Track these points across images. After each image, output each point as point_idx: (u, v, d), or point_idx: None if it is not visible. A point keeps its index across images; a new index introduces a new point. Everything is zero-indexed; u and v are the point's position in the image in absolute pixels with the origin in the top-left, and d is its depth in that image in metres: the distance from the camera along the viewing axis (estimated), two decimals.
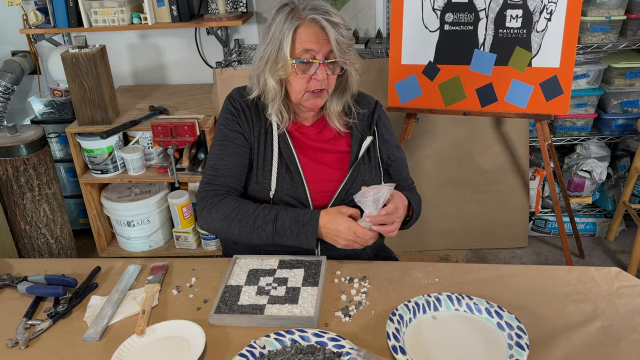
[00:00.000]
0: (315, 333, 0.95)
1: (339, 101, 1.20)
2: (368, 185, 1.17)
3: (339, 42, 1.09)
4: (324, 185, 1.20)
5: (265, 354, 0.91)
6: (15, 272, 1.19)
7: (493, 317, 0.98)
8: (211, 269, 1.17)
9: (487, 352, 0.91)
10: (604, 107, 2.25)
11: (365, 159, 1.23)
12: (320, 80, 1.11)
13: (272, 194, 1.17)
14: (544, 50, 1.78)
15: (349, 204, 1.20)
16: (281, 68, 1.12)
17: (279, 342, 0.94)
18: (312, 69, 1.11)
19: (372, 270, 1.15)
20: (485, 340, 0.94)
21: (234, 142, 1.18)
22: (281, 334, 0.95)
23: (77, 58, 1.94)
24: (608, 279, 1.09)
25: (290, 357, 0.90)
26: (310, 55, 1.10)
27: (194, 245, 2.24)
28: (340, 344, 0.93)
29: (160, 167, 2.12)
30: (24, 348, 0.97)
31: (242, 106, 1.20)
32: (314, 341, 0.94)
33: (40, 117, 2.33)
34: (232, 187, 1.17)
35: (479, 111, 1.90)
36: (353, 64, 1.16)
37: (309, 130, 1.23)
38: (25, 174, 1.99)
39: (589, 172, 2.27)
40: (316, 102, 1.16)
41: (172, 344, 0.96)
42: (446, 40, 1.85)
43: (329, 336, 0.94)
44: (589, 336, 0.94)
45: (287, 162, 1.18)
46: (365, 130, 1.24)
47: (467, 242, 2.32)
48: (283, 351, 0.91)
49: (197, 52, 2.47)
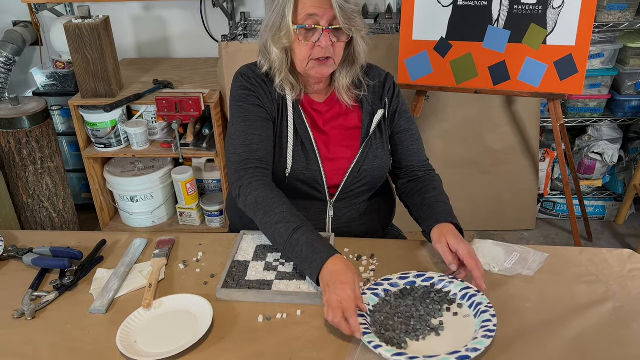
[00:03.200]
0: (399, 277, 1.00)
1: (347, 73, 1.16)
2: (380, 160, 1.14)
3: (342, 7, 1.04)
4: (337, 163, 1.17)
5: (373, 309, 0.94)
6: (20, 244, 1.17)
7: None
8: (218, 244, 1.16)
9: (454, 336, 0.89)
10: (617, 88, 2.20)
11: (377, 134, 1.19)
12: (324, 47, 1.06)
13: (288, 172, 1.13)
14: (560, 27, 1.72)
15: (362, 181, 1.17)
16: (285, 36, 1.08)
17: (375, 295, 0.97)
18: (316, 35, 1.06)
19: (380, 248, 1.13)
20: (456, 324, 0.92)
21: (259, 115, 1.12)
22: (372, 287, 0.98)
23: (81, 29, 1.89)
24: (620, 260, 1.08)
25: (394, 302, 0.95)
26: (314, 21, 1.06)
27: (197, 222, 2.23)
28: (428, 277, 1.00)
29: (164, 142, 2.10)
30: (30, 319, 0.96)
31: (257, 82, 1.15)
32: (402, 284, 0.99)
33: (42, 89, 2.30)
34: (268, 162, 1.10)
35: (491, 90, 1.86)
36: (359, 31, 1.10)
37: (321, 107, 1.19)
38: (28, 146, 1.97)
39: (600, 155, 2.24)
40: (322, 70, 1.10)
41: (179, 318, 0.95)
42: (459, 15, 1.80)
43: (413, 274, 1.00)
44: (601, 317, 0.93)
45: (303, 139, 1.15)
46: (377, 104, 1.19)
47: (474, 223, 2.30)
48: (383, 302, 0.95)
49: (202, 25, 2.41)
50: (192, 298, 0.98)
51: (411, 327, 0.90)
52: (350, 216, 1.21)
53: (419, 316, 0.92)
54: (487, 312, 0.90)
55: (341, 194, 1.18)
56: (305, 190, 1.16)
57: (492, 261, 1.06)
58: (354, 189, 1.18)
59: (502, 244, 1.12)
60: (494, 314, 0.90)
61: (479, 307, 0.92)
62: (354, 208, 1.21)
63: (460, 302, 0.96)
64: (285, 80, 1.14)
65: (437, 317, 0.92)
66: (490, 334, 0.86)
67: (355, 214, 1.21)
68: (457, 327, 0.91)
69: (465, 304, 0.95)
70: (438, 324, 0.91)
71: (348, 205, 1.20)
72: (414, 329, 0.89)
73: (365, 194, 1.21)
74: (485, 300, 0.93)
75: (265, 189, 1.05)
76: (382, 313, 0.93)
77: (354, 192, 1.19)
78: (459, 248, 1.00)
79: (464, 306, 0.95)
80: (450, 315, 0.93)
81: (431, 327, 0.90)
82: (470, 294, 0.95)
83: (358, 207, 1.21)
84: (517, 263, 1.07)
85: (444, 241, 1.02)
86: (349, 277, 0.91)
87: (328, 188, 1.17)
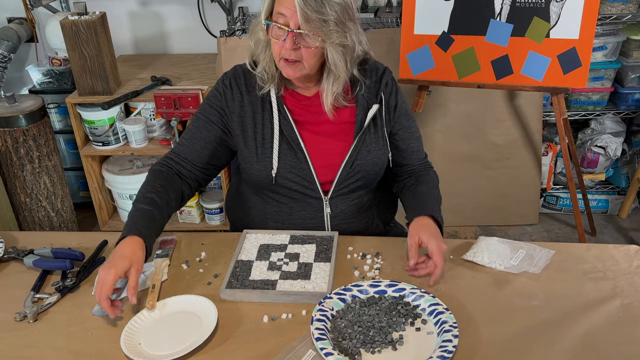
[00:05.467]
0: (370, 284, 0.98)
1: (329, 85, 1.09)
2: (374, 155, 1.13)
3: (305, 14, 0.99)
4: (328, 158, 1.15)
5: (335, 314, 0.93)
6: (20, 245, 1.16)
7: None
8: (221, 244, 1.14)
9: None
10: (621, 81, 2.18)
11: (371, 128, 1.16)
12: (288, 48, 1.03)
13: (274, 173, 1.13)
14: (563, 20, 1.70)
15: (356, 176, 1.16)
16: (260, 29, 1.08)
17: (341, 300, 0.95)
18: (282, 35, 1.03)
19: (385, 246, 1.12)
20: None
21: (207, 116, 1.16)
22: (340, 292, 0.96)
23: (77, 25, 1.87)
24: (627, 257, 1.07)
25: (359, 310, 0.92)
26: (283, 21, 1.02)
27: (197, 219, 2.21)
28: (400, 287, 0.97)
29: (163, 139, 2.07)
30: (32, 322, 0.95)
31: (231, 83, 1.15)
32: (372, 292, 0.97)
33: (38, 86, 2.27)
34: (186, 159, 1.16)
35: (494, 84, 1.84)
36: (331, 42, 1.02)
37: (310, 101, 1.16)
38: (25, 145, 1.94)
39: (603, 148, 2.23)
40: (288, 72, 1.07)
41: (183, 319, 0.94)
42: (461, 9, 1.78)
43: (385, 284, 0.98)
44: (609, 314, 0.93)
45: (289, 139, 1.13)
46: (372, 99, 1.16)
47: (477, 218, 2.29)
48: (348, 309, 0.93)
49: (200, 21, 2.38)
50: (196, 299, 0.96)
51: (369, 337, 0.87)
52: (349, 212, 1.19)
53: (380, 327, 0.89)
54: (449, 332, 0.86)
55: (336, 190, 1.16)
56: (297, 189, 1.15)
57: (498, 258, 1.05)
58: (348, 184, 1.16)
59: (508, 241, 1.10)
60: (457, 334, 0.86)
61: (443, 325, 0.88)
62: (352, 204, 1.19)
63: (425, 318, 0.92)
64: (266, 70, 1.12)
65: (399, 330, 0.89)
66: (447, 355, 0.82)
67: (353, 209, 1.19)
68: (416, 343, 0.87)
69: (431, 321, 0.91)
70: (398, 337, 0.88)
71: (345, 201, 1.18)
72: (371, 340, 0.86)
73: (361, 190, 1.19)
74: (451, 319, 0.89)
75: (157, 173, 1.14)
76: (344, 320, 0.91)
77: (349, 188, 1.17)
78: (429, 243, 1.01)
79: (428, 322, 0.91)
80: (412, 330, 0.90)
81: (389, 341, 0.87)
82: (438, 310, 0.91)
83: (355, 203, 1.20)
84: (523, 260, 1.05)
85: (415, 237, 1.03)
86: (119, 262, 0.94)
87: (321, 185, 1.16)
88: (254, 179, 1.17)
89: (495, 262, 1.05)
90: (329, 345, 0.84)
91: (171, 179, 1.14)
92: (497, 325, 0.91)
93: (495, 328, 0.91)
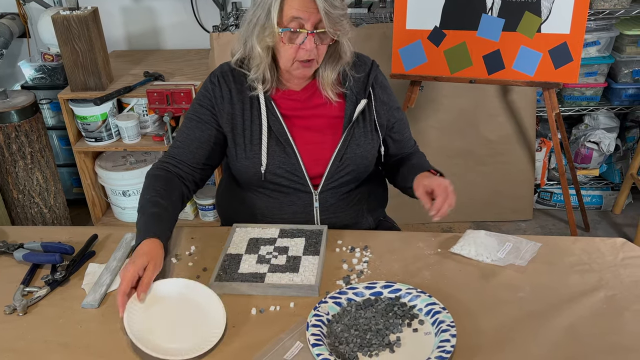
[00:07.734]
0: (366, 286, 0.97)
1: (332, 70, 1.13)
2: (363, 149, 1.15)
3: (328, 13, 1.02)
4: (318, 153, 1.16)
5: (331, 319, 0.92)
6: (10, 240, 1.16)
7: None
8: (210, 238, 1.14)
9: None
10: (614, 76, 2.18)
11: (360, 122, 1.17)
12: (309, 50, 1.05)
13: (263, 169, 1.13)
14: (554, 15, 1.71)
15: (345, 170, 1.16)
16: (268, 35, 1.06)
17: (337, 304, 0.94)
18: (300, 38, 1.05)
19: (374, 239, 1.12)
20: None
21: (198, 116, 1.16)
22: (335, 296, 0.95)
23: (69, 20, 1.86)
24: (613, 249, 1.08)
25: (355, 314, 0.92)
26: (298, 24, 1.03)
27: (191, 215, 2.21)
28: (396, 288, 0.96)
29: (156, 135, 2.07)
30: (22, 315, 0.95)
31: (220, 81, 1.15)
32: (367, 294, 0.96)
33: (30, 82, 2.26)
34: (182, 161, 1.16)
35: (486, 79, 1.84)
36: (345, 34, 1.09)
37: (299, 95, 1.17)
38: (17, 141, 1.94)
39: (596, 144, 2.23)
40: (305, 72, 1.11)
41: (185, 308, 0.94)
42: (453, 4, 1.78)
43: (380, 285, 0.97)
44: (593, 306, 0.93)
45: (277, 134, 1.13)
46: (360, 93, 1.17)
47: (471, 214, 2.30)
48: (344, 312, 0.93)
49: (193, 16, 2.38)
50: (196, 286, 0.97)
51: (366, 341, 0.86)
52: (338, 206, 1.20)
53: (377, 330, 0.88)
54: (447, 332, 0.86)
55: (325, 184, 1.17)
56: (287, 184, 1.16)
57: (485, 251, 1.06)
58: (338, 178, 1.17)
59: (495, 234, 1.11)
60: (455, 334, 0.85)
61: (441, 325, 0.88)
62: (341, 198, 1.20)
63: (422, 319, 0.91)
64: (260, 75, 1.12)
65: (396, 332, 0.88)
66: (445, 356, 0.81)
67: (342, 203, 1.20)
68: (414, 345, 0.86)
69: (428, 321, 0.91)
70: (395, 339, 0.87)
71: (334, 195, 1.19)
72: (368, 343, 0.86)
73: (350, 183, 1.20)
74: (448, 319, 0.88)
75: (158, 175, 1.14)
76: (340, 324, 0.90)
77: (339, 182, 1.18)
78: (431, 183, 1.07)
79: (426, 323, 0.90)
80: (410, 331, 0.89)
81: (387, 343, 0.86)
82: (435, 310, 0.91)
83: (345, 197, 1.20)
84: (509, 253, 1.06)
85: (421, 188, 1.09)
86: (138, 259, 0.95)
87: (311, 179, 1.16)
88: (243, 176, 1.17)
89: (482, 254, 1.05)
90: (325, 351, 0.84)
91: (171, 180, 1.13)
92: (483, 317, 0.92)
93: (481, 320, 0.91)
